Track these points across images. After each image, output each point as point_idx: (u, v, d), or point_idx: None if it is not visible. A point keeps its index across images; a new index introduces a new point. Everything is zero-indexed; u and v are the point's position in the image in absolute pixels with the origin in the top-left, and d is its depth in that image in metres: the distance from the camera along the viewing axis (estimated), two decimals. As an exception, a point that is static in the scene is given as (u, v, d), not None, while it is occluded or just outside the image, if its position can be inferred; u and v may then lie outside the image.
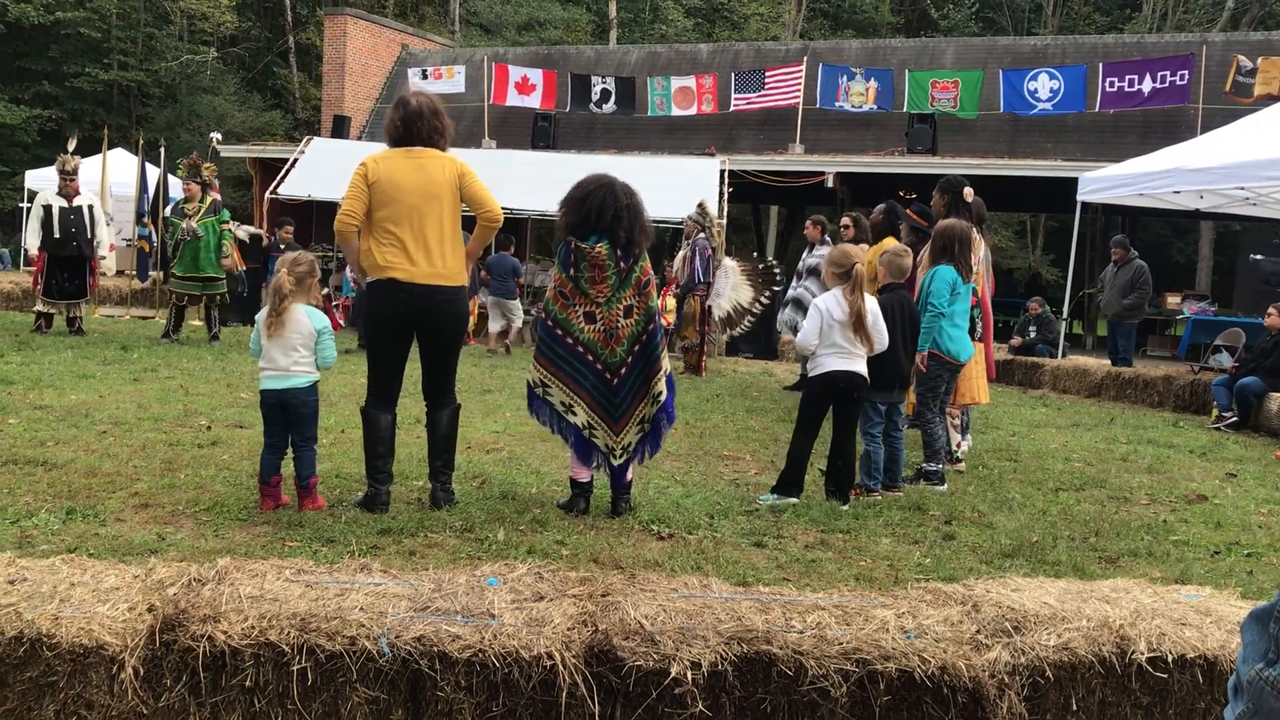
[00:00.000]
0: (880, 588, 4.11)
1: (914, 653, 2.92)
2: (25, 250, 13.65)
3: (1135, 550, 5.37)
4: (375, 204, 5.28)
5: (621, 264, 5.43)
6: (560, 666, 2.77)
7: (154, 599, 2.89)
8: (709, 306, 12.61)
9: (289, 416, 5.24)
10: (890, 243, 8.27)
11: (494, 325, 14.26)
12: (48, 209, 12.32)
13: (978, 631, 3.07)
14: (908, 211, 8.92)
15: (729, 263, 13.24)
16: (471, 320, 15.03)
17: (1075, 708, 2.98)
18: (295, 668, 2.73)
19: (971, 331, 7.07)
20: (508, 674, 2.76)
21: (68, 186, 12.43)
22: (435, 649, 2.76)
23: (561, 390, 5.44)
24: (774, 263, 14.18)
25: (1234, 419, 10.16)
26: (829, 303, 6.03)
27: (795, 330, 11.09)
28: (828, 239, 11.90)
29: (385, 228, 5.28)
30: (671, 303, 12.47)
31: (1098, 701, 3.00)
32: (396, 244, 5.26)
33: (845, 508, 5.95)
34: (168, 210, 13.45)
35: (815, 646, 2.90)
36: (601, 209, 5.41)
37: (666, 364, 5.64)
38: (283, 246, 12.96)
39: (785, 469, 6.11)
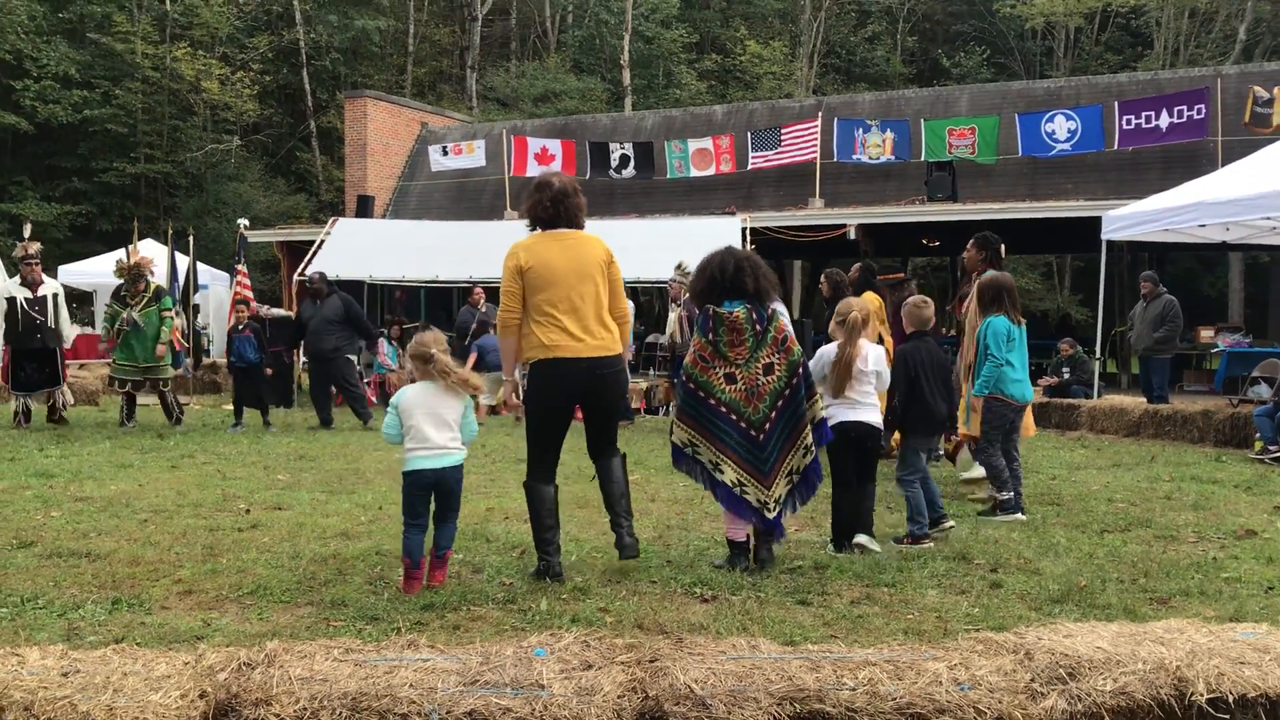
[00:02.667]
0: (930, 640, 4.07)
1: (969, 704, 2.88)
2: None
3: (1186, 589, 5.29)
4: (531, 289, 5.42)
5: (758, 326, 5.63)
6: (613, 735, 2.75)
7: (205, 685, 2.89)
8: None
9: (439, 494, 5.25)
10: (871, 296, 8.74)
11: (486, 400, 14.24)
12: (12, 301, 12.00)
13: (1032, 680, 3.03)
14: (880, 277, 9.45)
15: None
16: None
17: (1137, 753, 2.92)
18: (348, 748, 2.73)
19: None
20: (560, 745, 2.75)
21: (31, 273, 12.11)
22: (487, 723, 2.75)
23: (709, 450, 5.61)
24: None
25: (1279, 452, 10.03)
26: (829, 351, 6.24)
27: None
28: (776, 297, 12.16)
29: (544, 310, 5.41)
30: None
31: (1160, 746, 2.95)
32: (557, 324, 5.39)
33: (860, 539, 6.09)
34: (109, 297, 13.22)
35: (869, 703, 2.87)
36: (723, 265, 5.67)
37: (819, 412, 5.79)
38: (240, 327, 12.92)
39: (833, 524, 6.24)
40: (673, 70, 40.68)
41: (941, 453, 8.89)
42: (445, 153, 24.88)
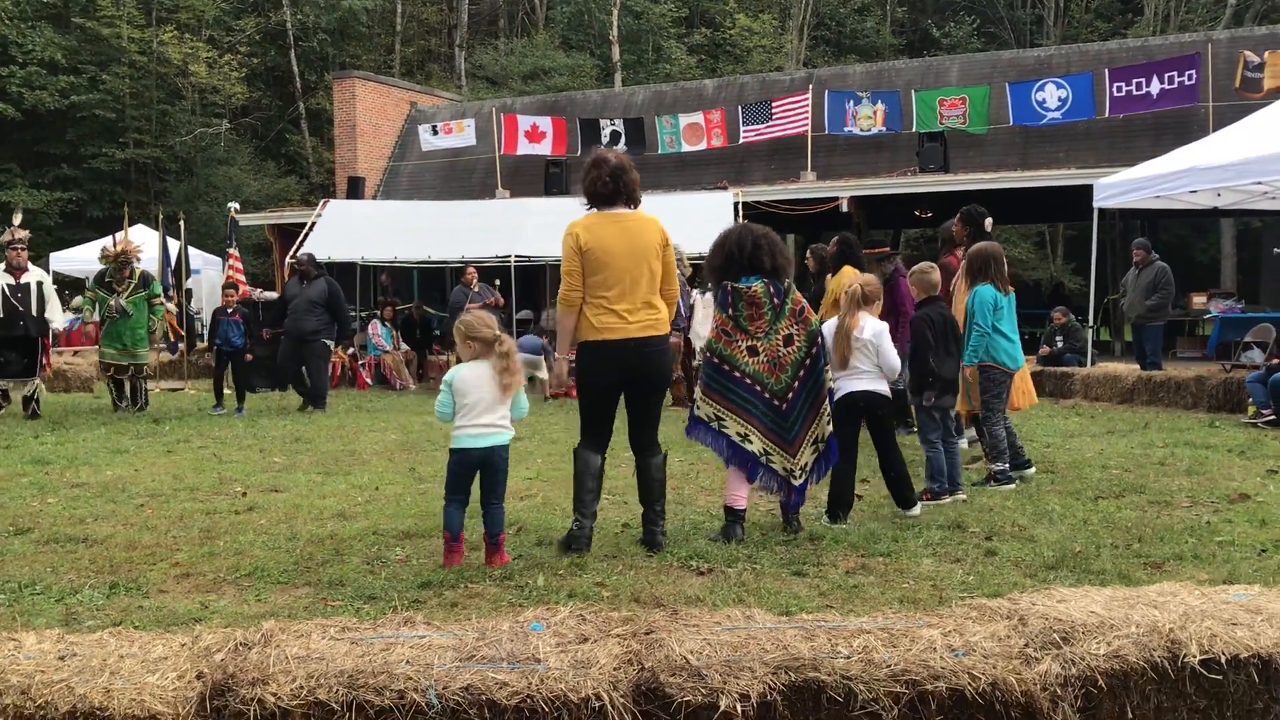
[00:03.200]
0: (925, 608, 4.09)
1: (963, 670, 2.89)
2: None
3: (1180, 554, 5.32)
4: (588, 270, 5.48)
5: (775, 299, 5.80)
6: (609, 706, 2.76)
7: (202, 666, 2.90)
8: (689, 339, 12.98)
9: (484, 473, 5.28)
10: (849, 270, 8.93)
11: None
12: None
13: (1026, 645, 3.04)
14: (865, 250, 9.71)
15: (696, 294, 13.90)
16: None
17: (1131, 715, 2.94)
18: (346, 725, 2.74)
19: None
20: (557, 717, 2.75)
21: (18, 257, 11.94)
22: (484, 697, 2.75)
23: (736, 421, 5.76)
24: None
25: (1272, 416, 10.06)
26: (826, 329, 6.29)
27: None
28: None
29: (597, 292, 5.48)
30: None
31: (1153, 708, 2.96)
32: (608, 307, 5.47)
33: (915, 511, 6.27)
34: (89, 280, 13.05)
35: (863, 670, 2.88)
36: (741, 243, 5.82)
37: (828, 382, 6.07)
38: (230, 310, 12.85)
39: (830, 495, 6.25)
40: (662, 45, 40.53)
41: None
42: (435, 132, 24.79)
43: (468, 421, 5.21)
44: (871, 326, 6.27)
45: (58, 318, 12.57)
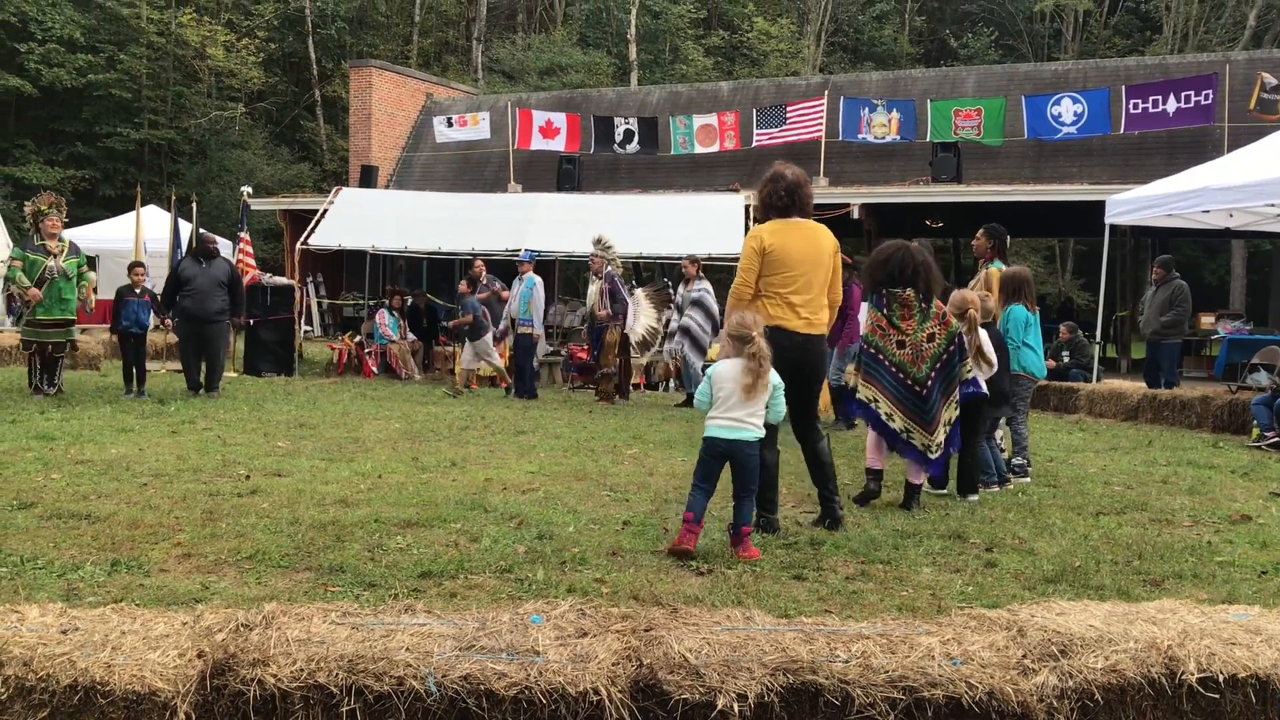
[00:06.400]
0: (924, 616, 4.09)
1: (961, 679, 2.90)
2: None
3: (1180, 572, 5.31)
4: (767, 269, 6.00)
5: (923, 304, 6.75)
6: (606, 701, 2.77)
7: (203, 645, 2.92)
8: (626, 333, 13.49)
9: (734, 467, 5.46)
10: None
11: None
12: None
13: (1024, 656, 3.05)
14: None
15: (638, 291, 14.48)
16: (503, 360, 15.06)
17: (1126, 730, 2.95)
18: (345, 709, 2.75)
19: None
20: (554, 710, 2.77)
21: None
22: (482, 687, 2.77)
23: (886, 403, 6.77)
24: (666, 282, 15.97)
25: (1276, 438, 10.05)
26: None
27: (684, 357, 13.37)
28: (702, 275, 13.53)
29: (776, 289, 6.01)
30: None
31: (1149, 724, 2.97)
32: (786, 302, 6.00)
33: (975, 498, 7.12)
34: (16, 249, 12.29)
35: (861, 675, 2.89)
36: (902, 267, 6.69)
37: (965, 374, 6.95)
38: (138, 290, 12.67)
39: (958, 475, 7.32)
40: (679, 46, 40.54)
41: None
42: (450, 124, 24.82)
43: (718, 413, 5.47)
44: (984, 337, 7.18)
45: None
